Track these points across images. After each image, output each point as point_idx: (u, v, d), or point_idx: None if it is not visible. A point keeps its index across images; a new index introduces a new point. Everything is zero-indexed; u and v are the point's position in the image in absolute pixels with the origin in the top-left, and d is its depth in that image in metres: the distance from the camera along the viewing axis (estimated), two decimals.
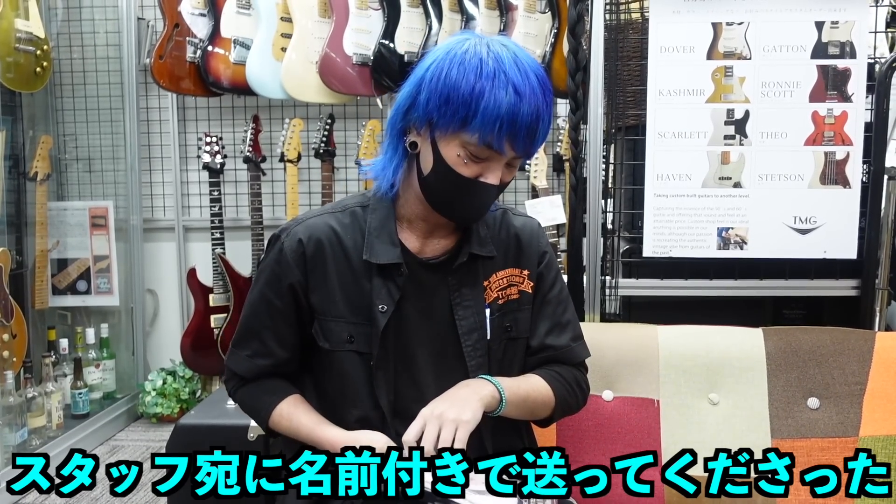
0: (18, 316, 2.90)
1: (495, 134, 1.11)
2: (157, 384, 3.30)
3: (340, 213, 1.28)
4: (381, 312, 1.23)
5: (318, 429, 1.24)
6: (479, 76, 1.11)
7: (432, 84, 1.14)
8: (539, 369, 1.34)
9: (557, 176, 3.21)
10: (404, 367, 1.26)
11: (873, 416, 1.57)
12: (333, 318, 1.25)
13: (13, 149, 3.11)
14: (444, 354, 1.27)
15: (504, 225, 1.34)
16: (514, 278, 1.32)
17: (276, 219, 3.37)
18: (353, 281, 1.24)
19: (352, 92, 3.07)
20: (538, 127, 1.14)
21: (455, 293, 1.27)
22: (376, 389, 1.24)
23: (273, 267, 1.26)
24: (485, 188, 1.17)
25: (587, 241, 2.10)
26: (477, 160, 1.15)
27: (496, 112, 1.10)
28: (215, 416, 1.70)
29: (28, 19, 2.84)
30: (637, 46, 2.20)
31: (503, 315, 1.30)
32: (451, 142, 1.15)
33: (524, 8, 3.03)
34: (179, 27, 3.08)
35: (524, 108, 1.11)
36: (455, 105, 1.12)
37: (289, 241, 1.25)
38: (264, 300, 1.27)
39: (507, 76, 1.11)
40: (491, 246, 1.30)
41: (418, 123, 1.18)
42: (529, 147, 1.16)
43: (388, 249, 1.23)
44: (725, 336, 1.66)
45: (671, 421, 1.60)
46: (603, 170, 2.16)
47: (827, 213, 2.03)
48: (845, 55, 2.00)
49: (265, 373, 1.31)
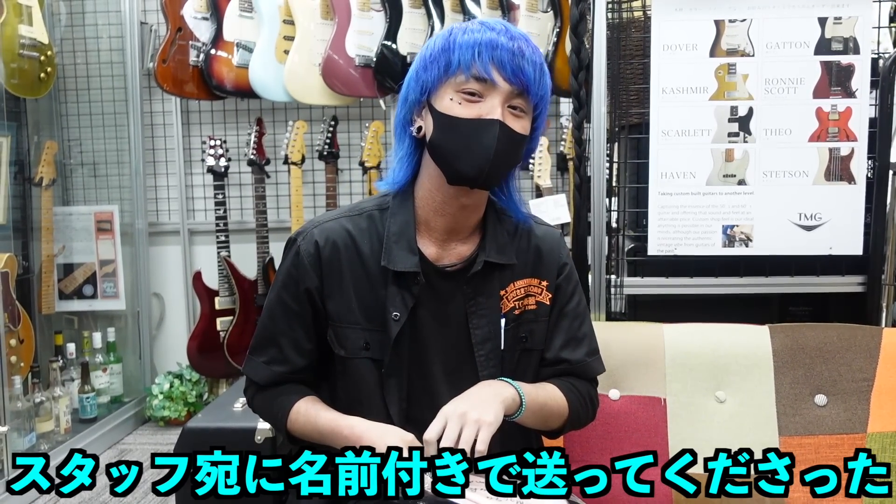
0: (25, 321, 2.91)
1: (476, 61, 1.13)
2: (164, 388, 3.31)
3: (357, 216, 1.26)
4: (394, 320, 1.22)
5: (340, 418, 1.22)
6: (451, 31, 1.18)
7: (416, 65, 1.21)
8: (556, 379, 1.33)
9: (561, 175, 3.21)
10: (417, 375, 1.25)
11: (881, 412, 1.56)
12: (349, 325, 1.24)
13: (18, 154, 3.12)
14: (458, 363, 1.26)
15: (526, 234, 1.32)
16: (532, 289, 1.30)
17: (281, 221, 3.38)
18: (368, 287, 1.23)
19: (355, 94, 3.07)
20: (523, 56, 1.15)
21: (470, 302, 1.26)
22: (387, 397, 1.23)
23: (290, 270, 1.25)
24: (486, 125, 1.15)
25: (592, 239, 2.10)
26: (471, 97, 1.15)
27: (471, 41, 1.14)
28: (223, 419, 1.70)
29: (32, 25, 2.85)
30: (640, 45, 2.19)
31: (519, 325, 1.29)
32: (443, 93, 1.17)
33: (526, 7, 3.04)
34: (182, 31, 3.09)
35: (501, 38, 1.14)
36: (435, 57, 1.17)
37: (305, 245, 1.24)
38: (281, 304, 1.26)
39: (482, 24, 1.17)
40: (511, 253, 1.28)
41: (416, 103, 1.21)
42: (522, 75, 1.15)
43: (406, 257, 1.22)
44: (731, 334, 1.66)
45: (678, 419, 1.59)
46: (607, 168, 2.16)
47: (832, 209, 2.03)
48: (849, 51, 2.00)
49: (282, 380, 1.29)
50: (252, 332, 1.34)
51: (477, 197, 1.23)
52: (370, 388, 1.24)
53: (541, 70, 1.17)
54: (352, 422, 1.20)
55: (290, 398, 1.27)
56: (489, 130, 1.14)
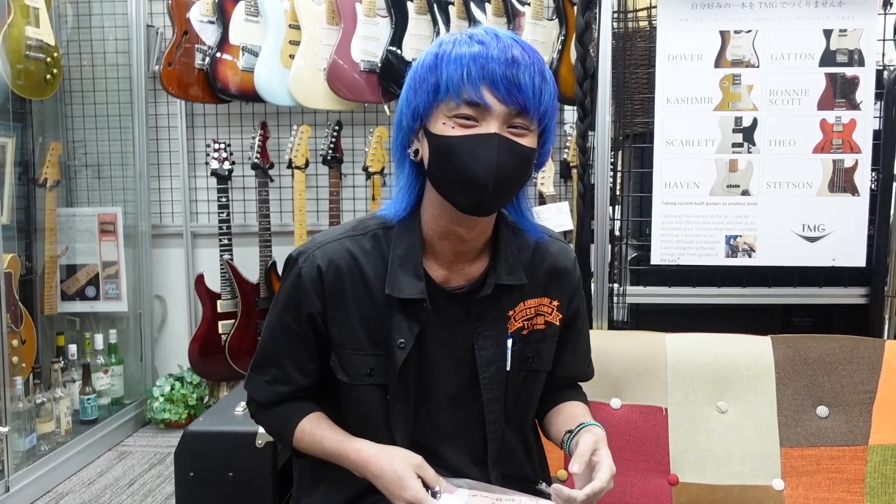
0: (28, 322, 2.91)
1: (466, 84, 1.04)
2: (165, 390, 3.31)
3: (361, 236, 1.20)
4: (399, 348, 1.17)
5: (347, 440, 1.20)
6: (439, 47, 1.09)
7: (407, 84, 1.13)
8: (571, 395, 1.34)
9: (565, 182, 3.21)
10: (422, 400, 1.22)
11: (883, 424, 1.56)
12: (353, 352, 1.19)
13: (23, 155, 3.13)
14: (462, 383, 1.23)
15: (539, 251, 1.26)
16: (543, 308, 1.26)
17: (284, 225, 3.38)
18: (373, 312, 1.18)
19: (359, 99, 3.08)
20: (517, 70, 1.04)
21: (477, 323, 1.21)
22: (392, 423, 1.21)
23: (291, 293, 1.20)
24: (483, 140, 1.05)
25: (595, 248, 2.10)
26: (465, 123, 1.06)
27: (459, 61, 1.05)
28: (224, 423, 1.70)
29: (38, 27, 2.86)
30: (645, 54, 2.20)
31: (526, 345, 1.25)
32: (436, 117, 1.08)
33: (531, 15, 3.04)
34: (188, 34, 3.10)
35: (492, 52, 1.04)
36: (424, 78, 1.09)
37: (307, 269, 1.18)
38: (282, 325, 1.22)
39: (471, 37, 1.08)
40: (521, 273, 1.22)
41: (411, 126, 1.13)
42: (517, 94, 1.05)
43: (411, 283, 1.16)
44: (734, 344, 1.66)
45: (679, 429, 1.59)
46: (611, 177, 2.16)
47: (835, 220, 2.03)
48: (854, 63, 2.00)
49: (285, 399, 1.26)
50: (254, 336, 1.34)
51: (484, 221, 1.16)
52: (375, 414, 1.21)
53: (541, 78, 1.07)
54: (358, 445, 1.19)
55: (295, 417, 1.25)
56: (488, 144, 1.05)
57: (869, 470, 1.54)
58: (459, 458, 1.24)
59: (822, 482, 1.55)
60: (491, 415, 1.23)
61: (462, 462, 1.24)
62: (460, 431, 1.24)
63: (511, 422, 1.27)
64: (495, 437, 1.25)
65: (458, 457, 1.24)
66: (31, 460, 2.67)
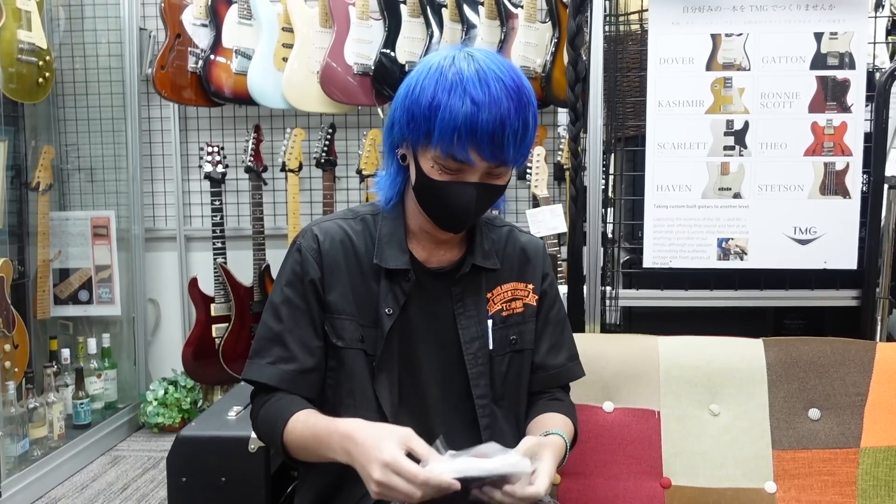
0: (20, 326, 2.90)
1: (455, 145, 1.13)
2: (158, 394, 3.30)
3: (352, 219, 1.32)
4: (386, 315, 1.26)
5: (339, 420, 1.18)
6: (436, 90, 1.14)
7: (404, 102, 1.19)
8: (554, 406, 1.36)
9: (558, 185, 3.21)
10: (408, 371, 1.28)
11: (874, 427, 1.56)
12: (347, 317, 1.27)
13: (15, 159, 3.12)
14: (448, 361, 1.30)
15: (510, 240, 1.38)
16: (519, 292, 1.36)
17: (278, 228, 3.38)
18: (362, 283, 1.28)
19: (353, 101, 3.08)
20: (503, 133, 1.13)
21: (458, 302, 1.31)
22: (378, 391, 1.25)
23: (294, 267, 1.28)
24: (463, 188, 1.18)
25: (587, 250, 2.10)
26: (449, 171, 1.17)
27: (452, 123, 1.12)
28: (217, 428, 1.69)
29: (31, 30, 2.85)
30: (636, 57, 2.20)
31: (507, 327, 1.34)
32: (425, 154, 1.18)
33: (525, 18, 3.05)
34: (181, 37, 3.10)
35: (482, 115, 1.11)
36: (417, 121, 1.16)
37: (306, 241, 1.28)
38: (286, 302, 1.27)
39: (465, 88, 1.12)
40: (495, 259, 1.34)
41: (400, 139, 1.22)
42: (500, 154, 1.15)
43: (397, 255, 1.27)
44: (726, 347, 1.66)
45: (672, 432, 1.59)
46: (603, 180, 2.16)
47: (827, 223, 2.04)
48: (844, 66, 2.01)
49: (289, 379, 1.26)
50: (248, 339, 1.35)
51: None
52: (363, 381, 1.26)
53: (524, 129, 1.15)
54: (349, 421, 1.18)
55: (295, 406, 1.25)
56: (466, 192, 1.18)
57: (861, 472, 1.55)
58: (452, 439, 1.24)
59: (814, 485, 1.55)
60: (478, 389, 1.30)
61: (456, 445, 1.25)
62: (451, 412, 1.30)
63: (501, 404, 1.32)
64: (485, 415, 1.30)
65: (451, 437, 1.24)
66: (23, 465, 2.66)
